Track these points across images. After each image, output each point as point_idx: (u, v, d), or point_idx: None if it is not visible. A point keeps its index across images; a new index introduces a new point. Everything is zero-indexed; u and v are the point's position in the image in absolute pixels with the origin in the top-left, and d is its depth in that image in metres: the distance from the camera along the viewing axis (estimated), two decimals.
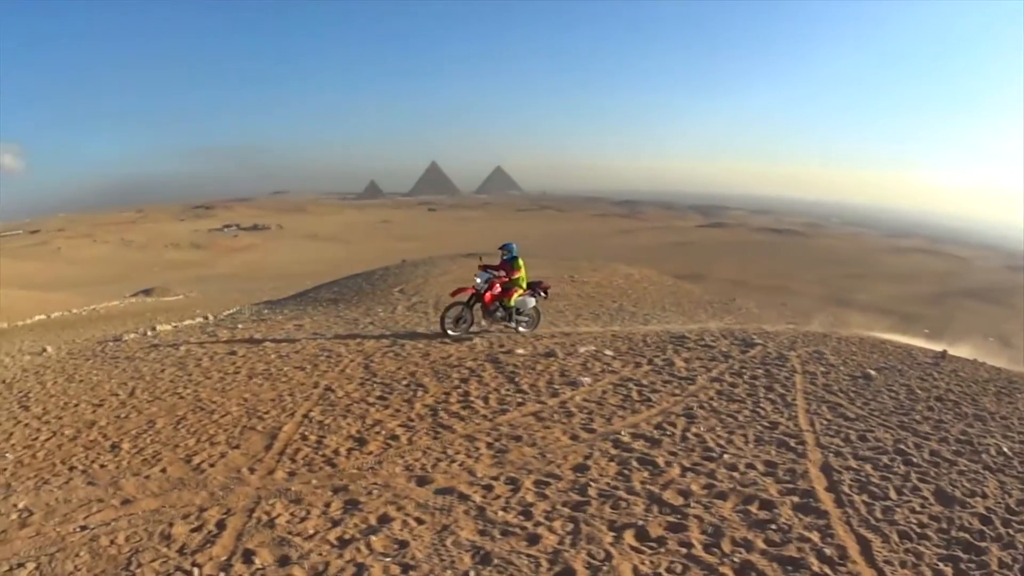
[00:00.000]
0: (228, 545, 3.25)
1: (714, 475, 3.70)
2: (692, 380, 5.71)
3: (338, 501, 3.63)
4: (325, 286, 17.10)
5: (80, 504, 3.80)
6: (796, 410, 4.91)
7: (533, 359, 6.48)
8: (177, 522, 3.52)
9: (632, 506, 3.35)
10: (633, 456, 4.03)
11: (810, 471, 3.76)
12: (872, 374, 5.98)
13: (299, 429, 4.90)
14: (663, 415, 4.83)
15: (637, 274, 17.61)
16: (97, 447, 4.84)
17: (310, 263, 59.54)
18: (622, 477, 3.74)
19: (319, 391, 5.82)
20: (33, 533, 3.44)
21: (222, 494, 3.87)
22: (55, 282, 49.68)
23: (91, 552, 3.21)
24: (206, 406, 5.58)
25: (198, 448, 4.66)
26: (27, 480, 4.25)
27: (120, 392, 6.28)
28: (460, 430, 4.69)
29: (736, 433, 4.42)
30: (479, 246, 15.37)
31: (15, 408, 6.08)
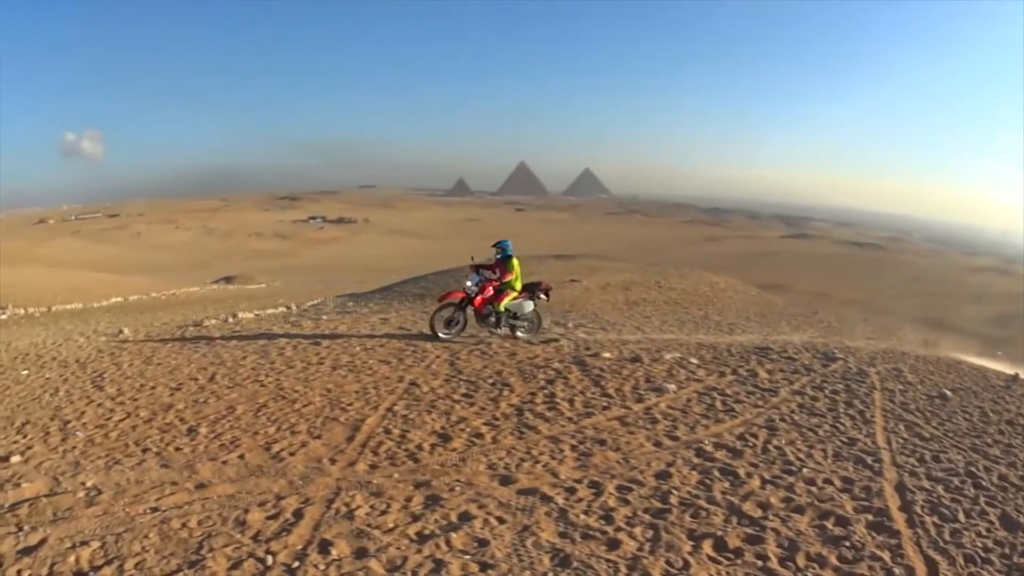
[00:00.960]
0: (304, 535, 5.49)
1: (793, 489, 6.28)
2: (775, 392, 9.59)
3: (419, 496, 6.06)
4: (411, 281, 27.23)
5: (152, 486, 6.60)
6: (874, 427, 8.29)
7: (619, 363, 10.82)
8: (253, 509, 5.99)
9: (712, 516, 5.70)
10: (715, 466, 6.80)
11: (885, 489, 6.38)
12: (948, 394, 10.15)
13: (382, 422, 8.20)
14: (745, 426, 8.09)
15: (722, 283, 28.36)
16: (173, 430, 8.25)
17: (396, 258, 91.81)
18: (703, 486, 6.32)
19: (404, 385, 9.79)
20: (100, 512, 5.99)
21: (301, 483, 6.48)
22: (133, 266, 79.32)
23: (161, 534, 5.56)
24: (288, 395, 9.45)
25: (278, 436, 7.84)
26: (97, 459, 7.35)
27: (199, 377, 10.71)
28: (545, 431, 7.82)
29: (816, 447, 7.46)
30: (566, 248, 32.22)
31: (88, 387, 10.57)
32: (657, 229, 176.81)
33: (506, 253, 14.04)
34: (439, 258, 67.20)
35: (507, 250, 14.08)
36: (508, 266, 13.92)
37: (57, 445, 8.04)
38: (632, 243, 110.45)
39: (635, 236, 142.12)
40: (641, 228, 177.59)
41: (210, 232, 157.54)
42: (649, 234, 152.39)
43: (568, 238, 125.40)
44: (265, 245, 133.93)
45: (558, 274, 26.22)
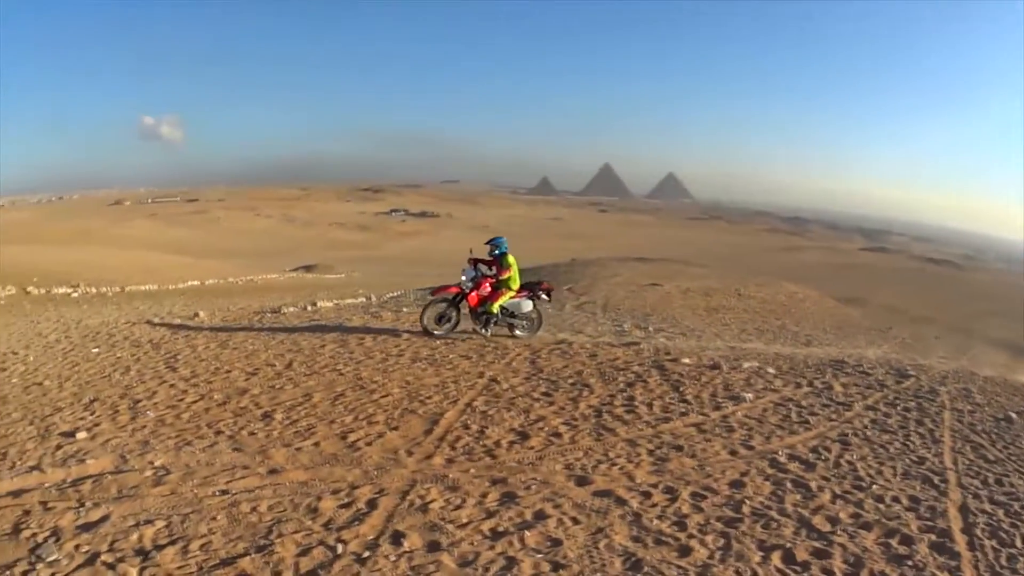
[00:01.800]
0: (377, 525, 5.77)
1: (862, 505, 6.61)
2: (848, 406, 10.04)
3: (495, 493, 6.40)
4: None
5: (223, 469, 6.97)
6: (942, 447, 8.63)
7: (698, 370, 11.38)
8: (326, 497, 6.27)
9: (782, 528, 6.03)
10: (788, 477, 7.17)
11: (949, 510, 6.69)
12: (1013, 417, 10.39)
13: (461, 417, 8.66)
14: (819, 439, 8.50)
15: (801, 293, 30.22)
16: (248, 415, 8.77)
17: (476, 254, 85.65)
18: (775, 497, 6.66)
19: (484, 381, 10.33)
20: (167, 492, 6.38)
21: (376, 474, 6.85)
22: (211, 251, 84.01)
23: (229, 517, 5.87)
24: (366, 385, 10.06)
25: (355, 426, 8.30)
26: (167, 439, 7.85)
27: (276, 363, 11.41)
28: (623, 434, 8.23)
29: (886, 464, 7.83)
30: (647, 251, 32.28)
31: (161, 368, 11.20)
32: (738, 236, 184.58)
33: (501, 250, 14.32)
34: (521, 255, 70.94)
35: (502, 247, 14.36)
36: (504, 263, 14.20)
37: (126, 424, 8.49)
38: (713, 249, 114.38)
39: (716, 242, 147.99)
40: (722, 234, 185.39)
41: (290, 221, 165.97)
42: (730, 241, 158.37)
43: (650, 241, 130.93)
44: (346, 236, 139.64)
45: (639, 277, 27.51)
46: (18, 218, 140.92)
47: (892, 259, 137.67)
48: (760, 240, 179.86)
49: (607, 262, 31.73)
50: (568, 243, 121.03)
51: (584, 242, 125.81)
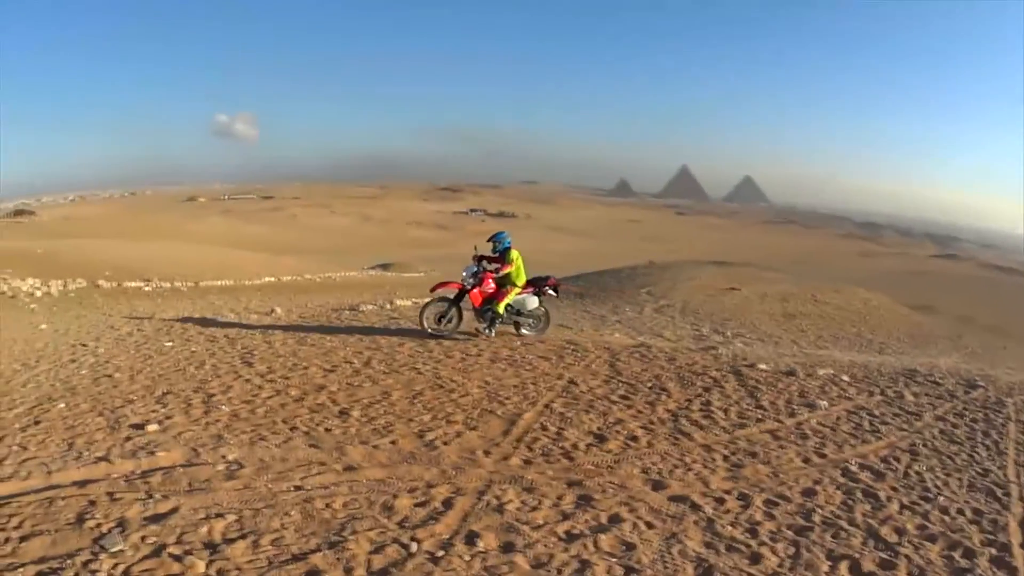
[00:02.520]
0: (452, 524, 5.92)
1: (928, 516, 6.80)
2: (919, 416, 10.24)
3: (571, 495, 6.61)
4: (572, 279, 29.39)
5: (298, 464, 7.19)
6: (1007, 459, 8.72)
7: (775, 376, 11.78)
8: (402, 495, 6.43)
9: (851, 537, 6.22)
10: (858, 487, 7.38)
11: (1010, 524, 6.83)
12: None
13: (539, 418, 8.99)
14: (890, 448, 8.73)
15: (875, 300, 31.07)
16: (324, 411, 9.11)
17: (555, 255, 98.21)
18: (845, 507, 6.86)
19: (563, 383, 10.68)
20: (240, 486, 6.57)
21: (453, 473, 7.05)
22: (287, 248, 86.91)
23: (303, 512, 6.04)
24: (445, 384, 10.42)
25: (433, 425, 8.61)
26: (241, 434, 8.11)
27: (354, 360, 11.87)
28: (699, 439, 8.48)
29: (952, 476, 8.00)
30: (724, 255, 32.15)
31: (237, 363, 11.57)
32: (813, 240, 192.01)
33: (504, 245, 14.39)
34: (598, 257, 76.18)
35: (504, 242, 14.42)
36: (506, 258, 14.28)
37: (199, 417, 8.79)
38: (789, 254, 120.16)
39: (792, 247, 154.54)
40: (798, 239, 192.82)
41: (367, 219, 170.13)
42: (805, 245, 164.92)
43: (726, 245, 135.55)
44: (424, 234, 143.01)
45: (717, 281, 28.17)
46: (89, 212, 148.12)
47: (961, 266, 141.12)
48: (834, 245, 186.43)
49: (685, 265, 32.41)
50: (646, 245, 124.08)
51: (662, 245, 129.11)
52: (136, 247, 50.25)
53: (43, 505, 6.31)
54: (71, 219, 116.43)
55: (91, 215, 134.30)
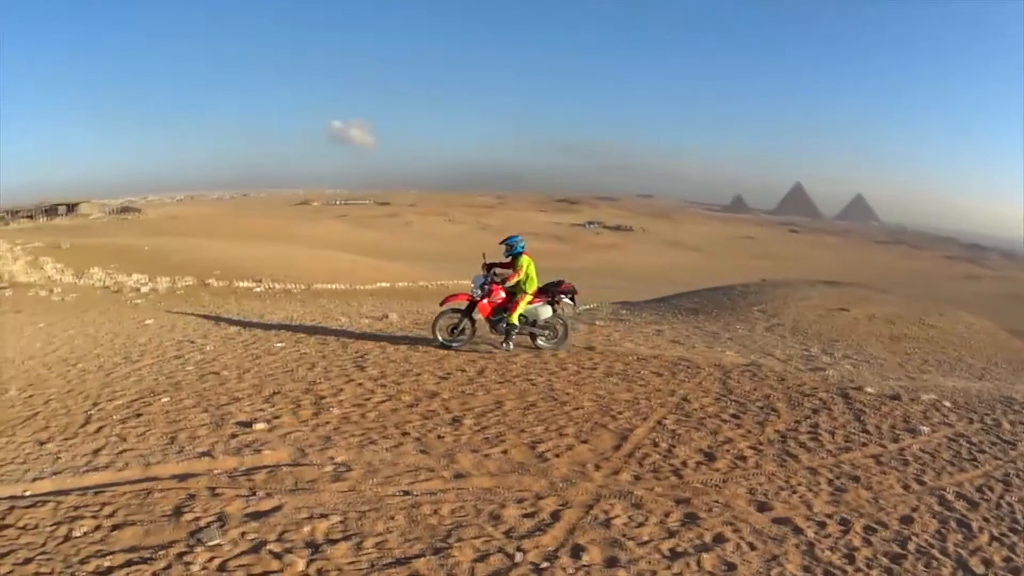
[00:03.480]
0: (558, 536, 6.11)
1: (1015, 548, 6.92)
2: (1014, 445, 10.27)
3: (677, 513, 6.82)
4: (686, 295, 29.50)
5: (407, 470, 7.50)
6: None
7: (880, 399, 11.89)
8: (509, 505, 6.62)
9: (941, 567, 6.36)
10: (953, 516, 7.48)
11: None
12: None
13: (650, 434, 9.22)
14: (984, 478, 8.80)
15: (977, 324, 29.99)
16: (436, 418, 9.47)
17: (670, 270, 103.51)
18: (939, 536, 7.00)
19: (675, 400, 10.94)
20: (346, 488, 6.92)
21: (563, 486, 7.27)
22: (402, 254, 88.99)
23: (408, 518, 6.30)
24: (559, 396, 10.73)
25: (545, 436, 8.86)
26: (351, 437, 8.54)
27: (468, 368, 12.30)
28: (805, 461, 8.63)
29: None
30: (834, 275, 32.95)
31: (349, 366, 12.02)
32: (920, 262, 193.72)
33: (515, 250, 14.08)
34: (713, 273, 77.35)
35: (516, 247, 14.09)
36: (516, 265, 13.99)
37: (308, 418, 9.17)
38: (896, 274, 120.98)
39: (900, 267, 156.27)
40: (905, 260, 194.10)
41: (484, 228, 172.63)
42: (912, 267, 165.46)
43: (837, 264, 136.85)
44: (540, 246, 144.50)
45: (828, 301, 28.03)
46: (197, 212, 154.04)
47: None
48: (940, 267, 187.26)
49: (797, 284, 32.48)
50: (759, 263, 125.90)
51: (775, 262, 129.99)
52: (247, 248, 52.12)
53: (139, 496, 6.68)
54: (179, 218, 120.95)
55: (199, 215, 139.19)
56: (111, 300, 24.81)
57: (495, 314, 13.99)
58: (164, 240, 59.59)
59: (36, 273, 32.58)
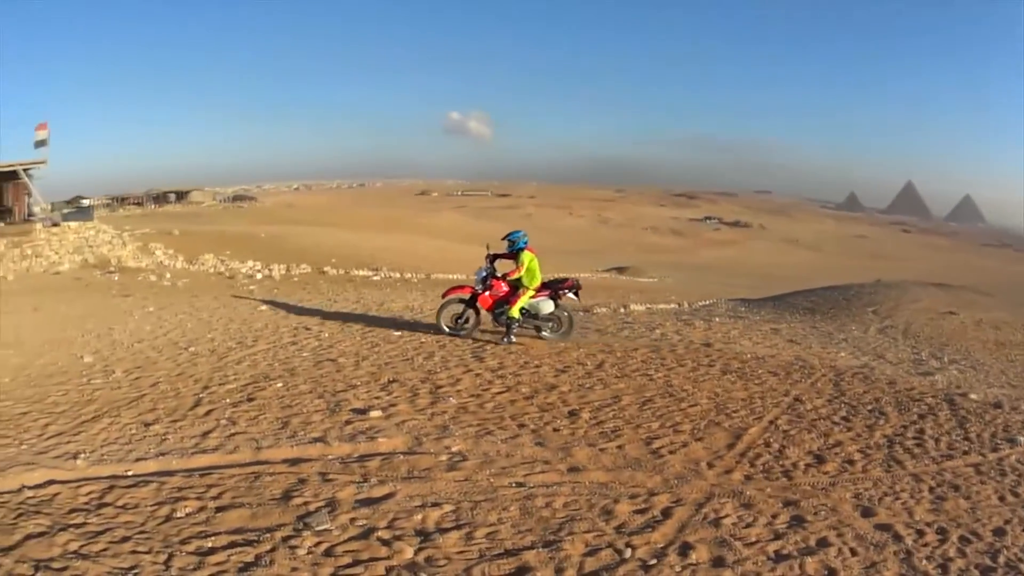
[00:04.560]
0: (668, 534, 6.16)
1: None
2: None
3: (785, 515, 6.83)
4: (801, 294, 29.57)
5: (522, 461, 7.58)
6: None
7: (983, 407, 11.73)
8: (623, 500, 6.66)
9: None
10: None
11: None
12: None
13: (763, 434, 9.24)
14: None
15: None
16: (554, 411, 9.60)
17: (786, 267, 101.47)
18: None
19: (789, 400, 11.00)
20: (461, 478, 7.05)
21: (676, 483, 7.34)
22: None
23: (522, 509, 6.38)
24: (676, 393, 10.81)
25: (660, 433, 8.93)
26: (467, 427, 8.70)
27: (587, 362, 12.45)
28: (910, 467, 8.57)
29: None
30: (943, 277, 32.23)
31: (467, 357, 12.24)
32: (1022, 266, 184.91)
33: (517, 246, 14.14)
34: (827, 272, 76.14)
35: (518, 243, 14.16)
36: (517, 261, 14.07)
37: (425, 407, 9.33)
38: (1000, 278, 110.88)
39: (1005, 271, 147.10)
40: (1010, 263, 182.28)
41: (604, 222, 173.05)
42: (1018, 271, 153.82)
43: (945, 266, 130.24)
44: (659, 240, 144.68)
45: (938, 304, 28.14)
46: (313, 201, 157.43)
47: None
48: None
49: (909, 286, 32.07)
50: (871, 263, 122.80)
51: (886, 263, 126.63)
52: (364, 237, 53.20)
53: (247, 479, 6.88)
54: (295, 207, 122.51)
55: (316, 203, 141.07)
56: (224, 286, 25.65)
57: (497, 307, 14.24)
58: (280, 228, 61.47)
59: (146, 258, 33.89)
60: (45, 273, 28.06)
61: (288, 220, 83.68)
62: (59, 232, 32.32)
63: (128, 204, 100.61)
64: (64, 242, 32.30)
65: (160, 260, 33.72)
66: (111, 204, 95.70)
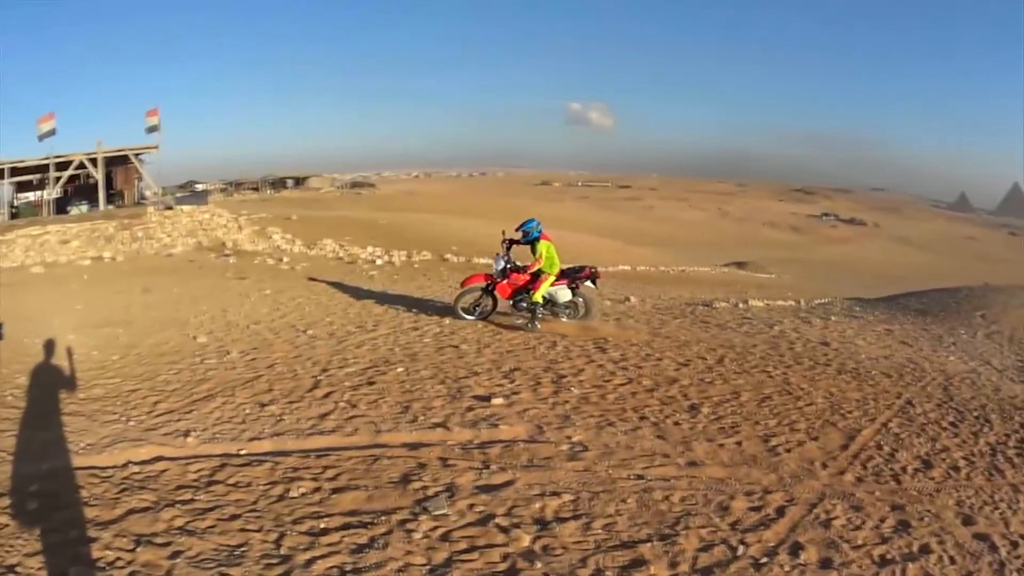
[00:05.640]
0: (781, 533, 6.07)
1: None
2: None
3: (892, 519, 6.67)
4: (914, 295, 28.86)
5: (642, 454, 7.52)
6: None
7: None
8: (738, 497, 6.56)
9: None
10: None
11: None
12: None
13: (876, 436, 9.03)
14: None
15: None
16: (674, 404, 9.51)
17: (898, 267, 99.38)
18: None
19: (900, 402, 10.71)
20: (581, 468, 7.03)
21: (790, 482, 7.23)
22: (642, 238, 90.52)
23: (639, 502, 6.35)
24: (793, 391, 10.58)
25: (777, 430, 8.75)
26: (589, 417, 8.63)
27: (707, 357, 12.31)
28: (1009, 477, 8.25)
29: None
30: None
31: (590, 347, 12.20)
32: None
33: (532, 236, 13.86)
34: (938, 273, 75.34)
35: (532, 233, 13.88)
36: (535, 252, 13.79)
37: (547, 396, 9.31)
38: None
39: None
40: None
41: (724, 215, 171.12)
42: None
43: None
44: (777, 235, 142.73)
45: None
46: (433, 189, 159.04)
47: None
48: None
49: (1016, 291, 30.39)
50: (979, 266, 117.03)
51: (993, 266, 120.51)
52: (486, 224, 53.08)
53: (365, 462, 6.99)
54: (415, 194, 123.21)
55: (436, 191, 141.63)
56: (344, 271, 25.91)
57: (516, 295, 14.14)
58: (399, 215, 62.37)
59: (263, 242, 34.43)
60: (157, 255, 28.69)
61: (408, 207, 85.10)
62: (172, 215, 33.07)
63: (244, 189, 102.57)
64: (177, 225, 32.99)
65: (277, 244, 34.34)
66: (227, 189, 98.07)
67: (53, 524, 5.62)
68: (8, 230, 29.49)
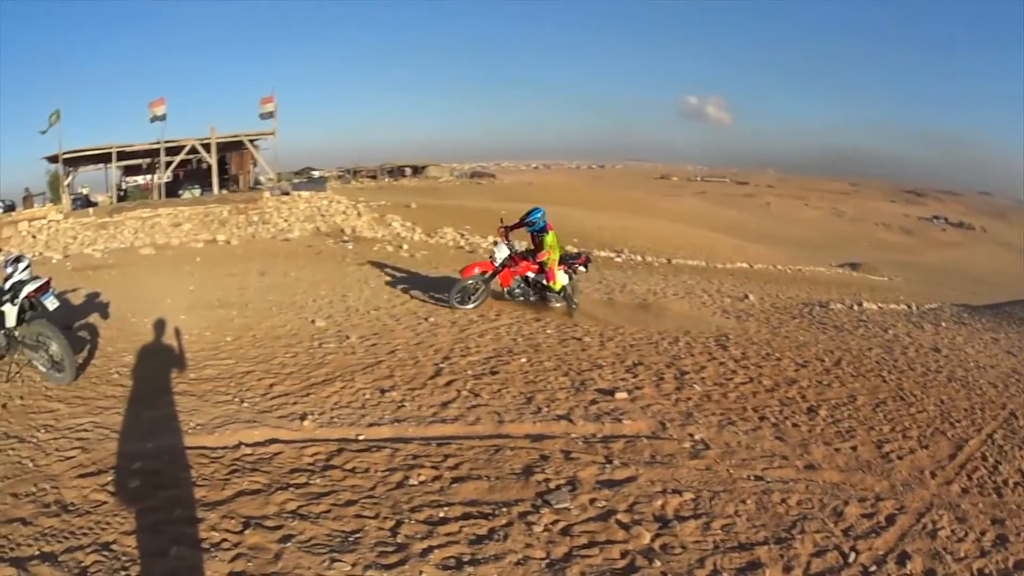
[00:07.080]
0: (890, 541, 5.91)
1: None
2: None
3: (992, 533, 6.43)
4: (1019, 303, 27.41)
5: (762, 455, 7.36)
6: None
7: None
8: (852, 503, 6.42)
9: None
10: None
11: None
12: None
13: (981, 447, 8.69)
14: None
15: None
16: (793, 405, 9.28)
17: (1001, 274, 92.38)
18: None
19: (1005, 413, 10.29)
20: (703, 467, 6.89)
21: (902, 489, 7.04)
22: (759, 235, 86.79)
23: (758, 503, 6.18)
24: (907, 397, 10.31)
25: (891, 436, 8.52)
26: (711, 415, 8.45)
27: (825, 359, 11.99)
28: None
29: None
30: None
31: (711, 344, 12.15)
32: None
33: (537, 227, 13.70)
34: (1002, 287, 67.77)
35: (537, 224, 13.72)
36: (543, 244, 13.66)
37: (670, 392, 9.25)
38: None
39: None
40: None
41: (839, 215, 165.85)
42: None
43: None
44: (889, 237, 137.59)
45: None
46: (555, 180, 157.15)
47: None
48: None
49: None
50: None
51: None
52: (605, 217, 52.97)
53: (487, 452, 6.92)
54: (535, 185, 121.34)
55: (556, 183, 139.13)
56: (465, 259, 25.34)
57: (511, 284, 14.05)
58: (520, 205, 60.80)
59: (382, 229, 33.91)
60: (273, 240, 28.71)
61: (528, 198, 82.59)
62: (289, 201, 33.70)
63: (362, 176, 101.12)
64: (294, 210, 33.52)
65: (397, 232, 33.88)
66: (344, 176, 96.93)
67: (156, 503, 5.61)
68: (117, 212, 30.49)
